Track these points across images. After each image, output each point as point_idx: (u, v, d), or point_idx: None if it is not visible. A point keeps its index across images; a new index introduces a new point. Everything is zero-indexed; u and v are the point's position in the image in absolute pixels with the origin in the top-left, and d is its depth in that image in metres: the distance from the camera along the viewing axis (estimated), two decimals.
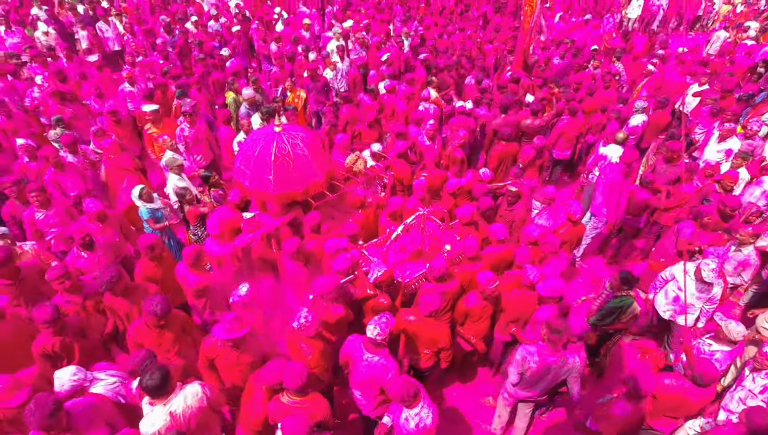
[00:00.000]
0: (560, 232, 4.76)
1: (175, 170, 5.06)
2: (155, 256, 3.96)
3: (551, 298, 3.45)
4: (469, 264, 3.87)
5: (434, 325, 3.32)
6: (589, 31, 11.14)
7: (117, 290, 3.52)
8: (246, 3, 12.51)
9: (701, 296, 4.10)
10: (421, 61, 7.75)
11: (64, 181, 5.10)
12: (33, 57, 7.37)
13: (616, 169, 5.36)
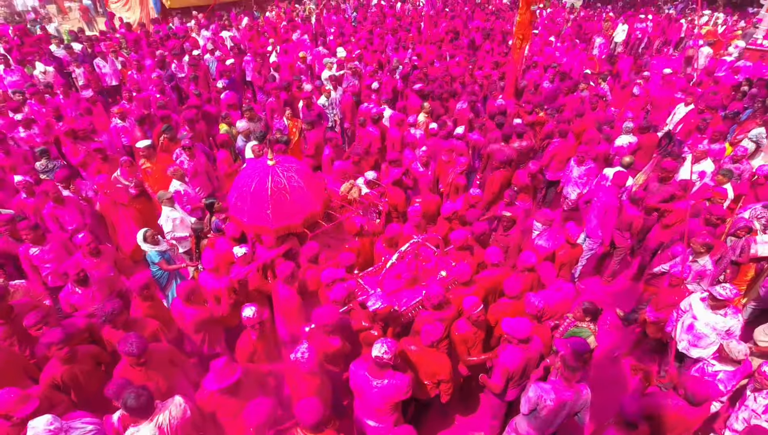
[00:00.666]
0: (559, 253, 4.78)
1: (166, 203, 5.08)
2: (148, 296, 3.93)
3: (512, 337, 3.27)
4: (462, 289, 3.86)
5: (435, 356, 3.28)
6: (576, 55, 11.46)
7: (117, 323, 3.47)
8: (241, 36, 12.86)
9: (716, 327, 3.93)
10: (415, 91, 7.90)
11: (62, 215, 5.12)
12: (32, 94, 7.52)
13: (610, 191, 5.43)
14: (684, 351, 4.17)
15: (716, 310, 3.90)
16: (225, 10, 16.32)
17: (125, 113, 7.15)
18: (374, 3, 18.44)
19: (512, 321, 3.30)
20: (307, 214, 4.29)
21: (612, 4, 20.86)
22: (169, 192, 5.13)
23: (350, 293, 3.49)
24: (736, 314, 3.89)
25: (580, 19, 16.34)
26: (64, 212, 5.12)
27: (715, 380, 3.54)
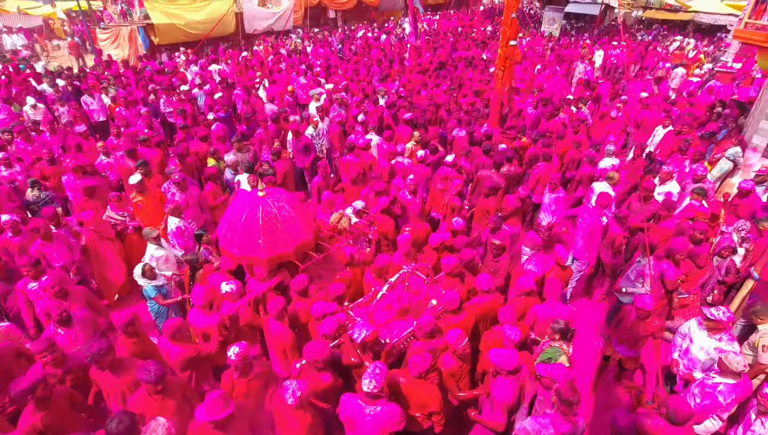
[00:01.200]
0: (549, 276, 4.80)
1: (152, 241, 5.04)
2: (133, 333, 3.85)
3: (501, 369, 3.20)
4: (452, 317, 3.83)
5: (424, 387, 3.23)
6: (557, 81, 11.83)
7: (104, 364, 3.38)
8: (230, 70, 13.08)
9: (709, 352, 3.85)
10: (405, 121, 8.05)
11: (50, 252, 5.05)
12: (18, 132, 7.50)
13: (594, 212, 5.50)
14: (683, 377, 4.10)
15: (712, 334, 3.86)
16: (213, 45, 16.66)
17: (108, 148, 7.14)
18: (359, 35, 18.98)
19: (501, 352, 3.27)
20: (299, 243, 4.28)
21: (588, 32, 21.72)
22: (155, 230, 5.09)
23: (340, 327, 3.45)
24: (732, 341, 3.83)
25: (558, 47, 16.97)
26: (51, 249, 5.05)
27: (715, 392, 3.50)
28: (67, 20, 21.11)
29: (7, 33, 17.70)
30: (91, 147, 7.62)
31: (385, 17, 25.35)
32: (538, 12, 24.61)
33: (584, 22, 24.10)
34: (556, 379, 3.10)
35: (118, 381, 3.45)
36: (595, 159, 7.18)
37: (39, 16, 20.65)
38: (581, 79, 12.60)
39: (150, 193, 5.95)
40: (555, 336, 3.72)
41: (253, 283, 4.42)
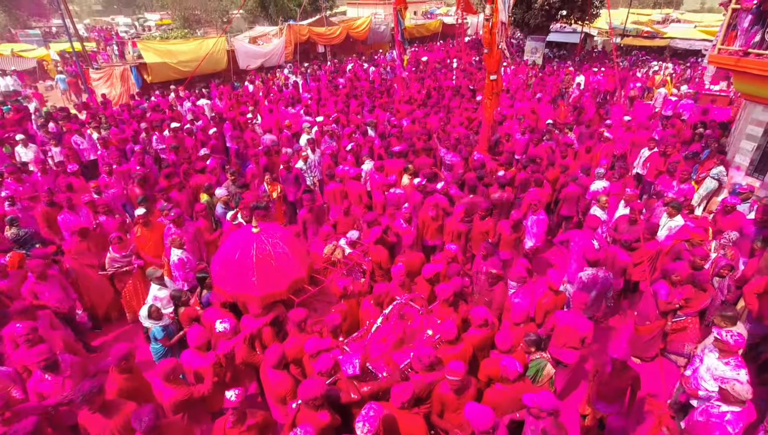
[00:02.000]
0: (543, 302, 4.78)
1: (155, 281, 5.00)
2: (126, 368, 3.75)
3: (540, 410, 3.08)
4: (449, 347, 3.77)
5: (409, 418, 3.13)
6: (542, 107, 12.15)
7: (95, 405, 3.25)
8: (223, 105, 13.28)
9: (714, 373, 3.79)
10: (396, 153, 8.19)
11: (43, 291, 4.99)
12: (9, 173, 7.49)
13: (585, 235, 5.55)
14: (689, 392, 4.06)
15: (722, 357, 3.81)
16: (205, 82, 16.97)
17: (101, 188, 7.15)
18: (349, 68, 19.46)
19: (535, 397, 3.16)
20: (292, 281, 4.24)
21: (570, 60, 22.50)
22: (158, 270, 5.08)
23: (336, 363, 3.38)
24: (738, 368, 3.75)
25: (542, 75, 17.51)
26: (45, 289, 5.01)
27: (723, 422, 3.43)
28: (61, 61, 21.48)
29: (1, 75, 17.93)
30: (81, 186, 7.61)
31: (373, 50, 26.10)
32: (521, 41, 25.51)
33: (566, 50, 25.01)
34: (544, 409, 3.05)
35: (109, 424, 3.30)
36: (580, 179, 7.31)
37: (33, 59, 21.03)
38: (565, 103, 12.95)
39: (154, 226, 6.07)
40: (531, 349, 3.76)
41: (247, 320, 4.35)
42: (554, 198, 7.77)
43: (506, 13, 6.92)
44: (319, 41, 22.99)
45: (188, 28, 32.23)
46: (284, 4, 34.28)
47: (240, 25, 33.25)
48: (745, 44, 7.13)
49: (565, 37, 25.20)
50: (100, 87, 15.59)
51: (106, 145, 9.26)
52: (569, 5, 20.41)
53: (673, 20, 33.28)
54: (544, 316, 4.76)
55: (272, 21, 33.06)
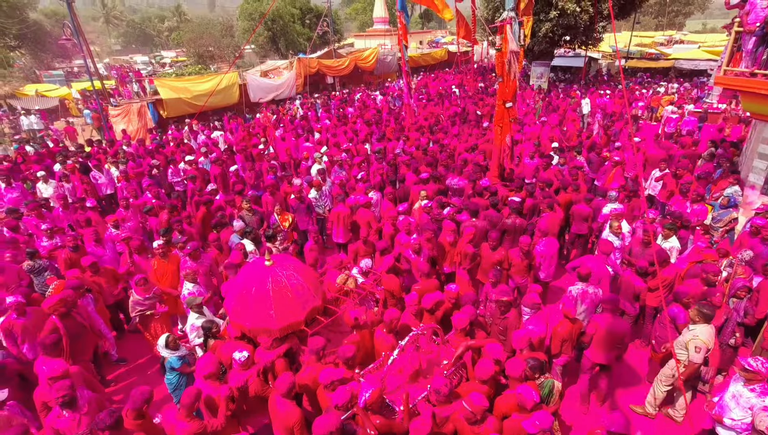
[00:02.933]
0: (558, 330, 4.70)
1: (194, 309, 5.03)
2: (141, 414, 3.72)
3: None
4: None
5: None
6: (548, 131, 12.25)
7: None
8: (235, 137, 13.63)
9: (739, 401, 3.71)
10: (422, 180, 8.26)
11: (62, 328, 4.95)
12: (30, 210, 7.71)
13: (598, 260, 5.49)
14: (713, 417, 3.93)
15: (748, 384, 3.72)
16: (218, 115, 17.48)
17: (119, 222, 7.33)
18: (357, 97, 19.93)
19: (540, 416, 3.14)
20: (310, 310, 4.25)
21: (576, 84, 22.78)
22: (198, 298, 5.09)
23: (353, 396, 3.33)
24: (765, 395, 3.64)
25: (549, 99, 17.73)
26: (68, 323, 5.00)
27: None
28: (81, 99, 22.37)
29: (25, 115, 18.71)
30: (98, 221, 7.79)
31: (381, 80, 26.75)
32: (525, 67, 25.94)
33: (570, 74, 25.37)
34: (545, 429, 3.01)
35: None
36: (594, 201, 7.30)
37: (55, 98, 21.94)
38: (575, 127, 13.07)
39: (171, 258, 6.16)
40: (536, 374, 3.75)
41: (261, 352, 4.33)
42: (566, 222, 7.75)
43: (516, 42, 7.10)
44: (328, 73, 23.67)
45: (202, 64, 33.46)
46: (294, 38, 35.61)
47: (252, 60, 34.46)
48: (754, 64, 7.18)
49: (570, 61, 25.64)
50: (118, 123, 16.13)
51: (127, 179, 9.53)
52: (573, 31, 20.82)
53: (677, 41, 33.69)
54: (561, 345, 4.67)
55: (282, 55, 34.28)
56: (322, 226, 8.49)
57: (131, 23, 71.80)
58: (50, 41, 36.70)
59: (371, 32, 41.34)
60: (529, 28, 7.64)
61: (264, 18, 30.05)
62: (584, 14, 19.21)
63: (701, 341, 4.22)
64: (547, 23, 20.05)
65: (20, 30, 33.68)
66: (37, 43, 35.79)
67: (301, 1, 35.69)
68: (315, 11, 37.71)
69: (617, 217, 6.51)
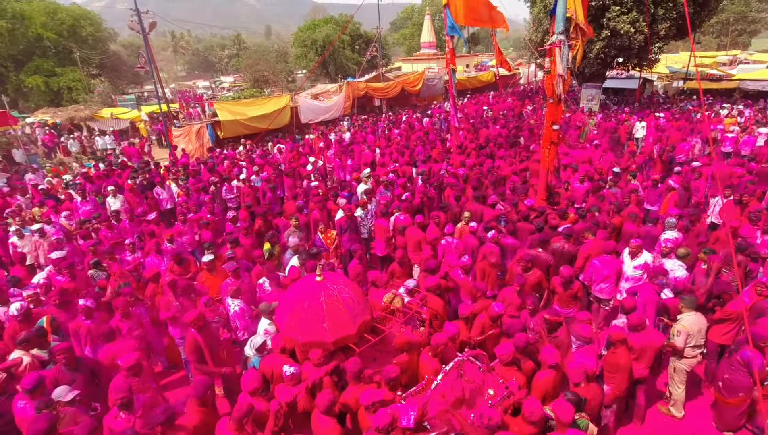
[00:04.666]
0: (611, 359, 4.44)
1: (267, 316, 5.19)
2: (205, 402, 3.96)
3: None
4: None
5: None
6: (599, 154, 11.82)
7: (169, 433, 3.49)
8: (284, 157, 14.22)
9: None
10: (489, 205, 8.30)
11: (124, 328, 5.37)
12: (100, 221, 8.41)
13: (650, 287, 5.23)
14: None
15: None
16: (271, 135, 18.35)
17: (174, 236, 7.78)
18: (404, 119, 20.25)
19: None
20: (361, 323, 4.31)
21: (628, 105, 21.93)
22: (272, 305, 5.21)
23: (394, 419, 3.30)
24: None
25: (600, 121, 17.17)
26: (127, 326, 5.43)
27: None
28: (149, 121, 24.28)
29: (100, 135, 20.56)
30: (159, 233, 8.32)
31: (427, 102, 27.08)
32: (575, 89, 25.36)
33: (623, 96, 24.45)
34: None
35: None
36: (652, 233, 6.92)
37: (127, 120, 23.98)
38: (629, 150, 12.55)
39: (218, 272, 6.46)
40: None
41: (308, 368, 4.38)
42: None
43: (564, 66, 7.03)
44: (375, 95, 24.30)
45: (257, 88, 35.41)
46: (343, 63, 36.98)
47: (303, 83, 36.01)
48: None
49: (622, 83, 24.75)
50: (179, 142, 17.36)
51: (189, 194, 10.17)
52: (626, 52, 20.19)
53: (742, 61, 31.75)
54: (616, 373, 4.39)
55: (332, 78, 35.62)
56: (367, 246, 8.60)
57: (196, 51, 77.66)
58: (125, 69, 40.40)
59: (418, 56, 42.23)
60: (580, 50, 7.53)
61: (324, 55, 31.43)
62: (638, 35, 18.60)
63: (682, 326, 4.68)
64: (599, 44, 19.59)
65: (102, 60, 37.34)
66: (114, 71, 39.45)
67: (351, 27, 37.14)
68: (364, 37, 39.09)
69: (673, 248, 6.14)
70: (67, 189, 11.21)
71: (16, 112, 26.52)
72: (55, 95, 33.12)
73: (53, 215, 9.11)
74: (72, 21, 35.25)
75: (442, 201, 9.32)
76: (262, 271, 6.56)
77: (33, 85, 32.50)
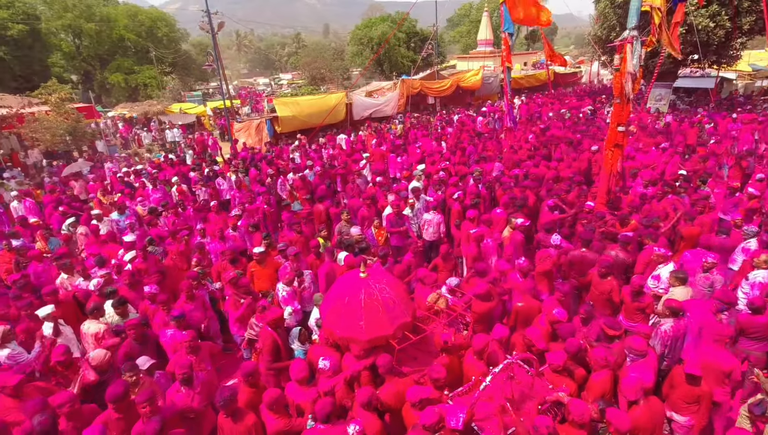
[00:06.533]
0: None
1: (318, 306, 5.46)
2: (253, 383, 4.21)
3: None
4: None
5: None
6: (666, 158, 11.01)
7: (228, 410, 3.80)
8: (336, 153, 14.55)
9: None
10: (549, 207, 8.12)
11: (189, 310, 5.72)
12: (168, 209, 9.07)
13: (706, 308, 4.85)
14: None
15: None
16: (324, 131, 18.82)
17: (237, 223, 8.24)
18: (456, 118, 19.99)
19: None
20: (399, 325, 4.34)
21: (702, 106, 20.21)
22: (322, 295, 5.54)
23: (441, 419, 3.29)
24: None
25: (668, 123, 16.00)
26: (191, 307, 5.84)
27: None
28: (213, 116, 25.74)
29: (169, 129, 22.10)
30: (222, 219, 8.81)
31: (481, 101, 26.53)
32: (642, 88, 23.68)
33: (696, 96, 22.52)
34: None
35: (236, 428, 3.82)
36: (726, 245, 6.37)
37: (193, 114, 25.59)
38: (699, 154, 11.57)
39: (268, 263, 6.72)
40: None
41: (349, 361, 4.50)
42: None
43: (636, 63, 6.64)
44: (429, 93, 24.17)
45: (314, 85, 36.42)
46: (398, 60, 37.08)
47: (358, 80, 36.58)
48: None
49: (696, 82, 22.76)
50: (240, 136, 18.27)
51: (240, 187, 10.71)
52: (703, 49, 18.59)
53: None
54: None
55: (386, 76, 35.84)
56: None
57: (258, 50, 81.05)
58: (194, 67, 43.10)
59: (474, 54, 41.41)
60: (652, 47, 7.10)
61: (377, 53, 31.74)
62: (719, 29, 17.06)
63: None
64: None
65: (174, 58, 40.11)
66: (184, 68, 42.28)
67: (407, 25, 37.15)
68: (420, 35, 38.93)
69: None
70: (140, 178, 12.17)
71: (99, 106, 29.10)
72: (132, 91, 36.13)
73: (128, 201, 9.93)
74: (150, 23, 38.24)
75: (494, 201, 9.14)
76: (315, 262, 6.79)
77: (115, 82, 35.66)
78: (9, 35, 28.71)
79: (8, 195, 11.35)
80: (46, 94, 18.53)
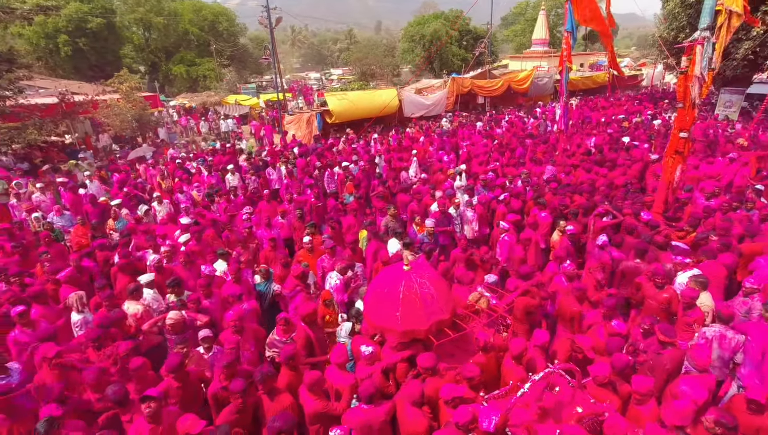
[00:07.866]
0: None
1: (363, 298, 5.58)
2: (293, 366, 4.38)
3: None
4: None
5: None
6: (736, 170, 10.22)
7: (266, 387, 4.01)
8: (383, 148, 14.65)
9: None
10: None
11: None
12: (221, 196, 9.54)
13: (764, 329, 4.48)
14: None
15: None
16: (372, 126, 19.01)
17: (286, 212, 8.54)
18: (506, 119, 19.54)
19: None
20: (434, 322, 4.36)
21: None
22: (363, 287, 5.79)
23: (475, 419, 3.30)
24: None
25: (739, 131, 14.83)
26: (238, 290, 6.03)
27: None
28: (265, 108, 26.71)
29: (224, 119, 23.16)
30: (272, 208, 9.16)
31: (533, 102, 25.76)
32: (710, 94, 22.06)
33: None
34: None
35: (273, 406, 4.02)
36: None
37: (247, 106, 26.66)
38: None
39: (317, 252, 6.96)
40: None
41: (387, 351, 4.58)
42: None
43: (705, 66, 6.24)
44: (480, 93, 23.77)
45: (363, 81, 36.80)
46: (448, 58, 36.69)
47: (408, 77, 36.58)
48: None
49: None
50: (290, 128, 18.83)
51: (292, 176, 11.08)
52: None
53: None
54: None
55: (436, 74, 35.58)
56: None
57: (311, 45, 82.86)
58: (250, 60, 44.78)
59: (528, 54, 40.22)
60: (721, 48, 6.59)
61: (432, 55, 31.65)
62: None
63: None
64: (748, 42, 16.79)
65: (232, 52, 41.93)
66: (241, 62, 44.10)
67: (460, 23, 36.67)
68: (473, 33, 38.30)
69: None
70: (197, 164, 12.86)
71: (163, 96, 30.98)
72: (193, 82, 38.22)
73: (185, 186, 10.53)
74: (212, 17, 40.24)
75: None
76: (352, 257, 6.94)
77: (178, 74, 37.81)
78: (89, 28, 31.28)
79: (81, 175, 12.37)
80: (118, 82, 19.98)
